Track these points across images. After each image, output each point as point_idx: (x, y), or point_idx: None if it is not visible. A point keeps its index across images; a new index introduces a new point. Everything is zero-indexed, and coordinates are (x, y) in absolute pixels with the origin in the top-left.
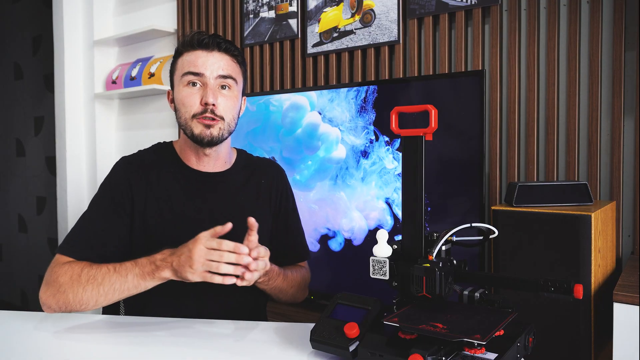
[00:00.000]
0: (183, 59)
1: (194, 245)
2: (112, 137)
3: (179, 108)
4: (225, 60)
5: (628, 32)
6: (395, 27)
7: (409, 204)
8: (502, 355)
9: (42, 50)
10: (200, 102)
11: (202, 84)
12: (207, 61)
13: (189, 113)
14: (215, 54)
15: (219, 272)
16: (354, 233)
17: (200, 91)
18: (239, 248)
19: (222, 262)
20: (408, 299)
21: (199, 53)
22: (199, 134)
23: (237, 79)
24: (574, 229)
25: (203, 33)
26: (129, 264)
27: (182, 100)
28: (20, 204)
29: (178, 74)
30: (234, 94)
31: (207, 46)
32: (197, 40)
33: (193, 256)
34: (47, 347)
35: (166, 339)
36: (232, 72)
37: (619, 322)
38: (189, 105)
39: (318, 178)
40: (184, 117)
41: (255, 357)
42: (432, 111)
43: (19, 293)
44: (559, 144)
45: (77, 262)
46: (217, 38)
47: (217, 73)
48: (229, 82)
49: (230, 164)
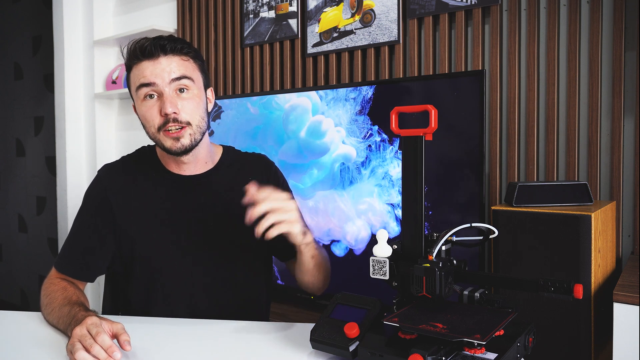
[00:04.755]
0: (133, 73)
1: (81, 323)
2: (112, 137)
3: (143, 123)
4: (174, 62)
5: (628, 32)
6: (395, 27)
7: (409, 204)
8: (502, 355)
9: (42, 50)
10: (159, 113)
11: (158, 93)
12: (156, 69)
13: (153, 127)
14: (162, 60)
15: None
16: (357, 242)
17: (158, 102)
18: (114, 351)
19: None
20: (408, 299)
21: (145, 63)
22: (169, 147)
23: (192, 76)
24: (574, 229)
25: (144, 40)
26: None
27: (143, 115)
28: (20, 204)
29: (133, 89)
30: (195, 93)
31: (151, 54)
32: (140, 49)
33: (74, 332)
34: (47, 347)
35: (165, 339)
36: (186, 72)
37: (619, 322)
38: (151, 119)
39: (320, 186)
40: (150, 131)
41: (255, 357)
42: (432, 111)
43: (19, 293)
44: (559, 144)
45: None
46: (159, 41)
47: (169, 78)
48: (186, 83)
49: (213, 163)
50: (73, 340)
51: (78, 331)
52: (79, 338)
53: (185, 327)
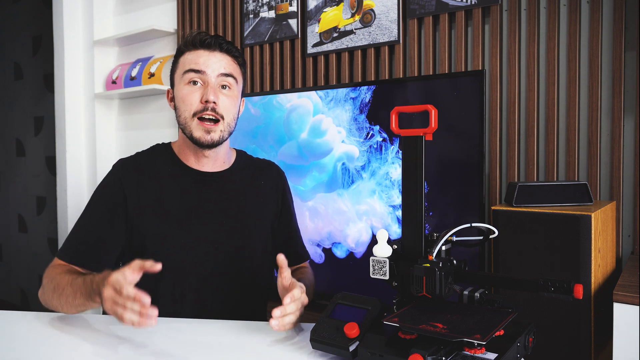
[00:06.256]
0: (185, 57)
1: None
2: (112, 137)
3: (178, 106)
4: (226, 60)
5: (628, 32)
6: (395, 27)
7: (409, 204)
8: (502, 355)
9: (42, 50)
10: (200, 99)
11: (203, 82)
12: (209, 60)
13: (188, 111)
14: (217, 54)
15: (123, 321)
16: (358, 244)
17: (201, 89)
18: (141, 297)
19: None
20: (408, 299)
21: (201, 52)
22: (198, 138)
23: (237, 78)
24: (574, 229)
25: (205, 33)
26: (81, 280)
27: (182, 98)
28: (20, 204)
29: (179, 72)
30: (234, 94)
31: (209, 46)
32: (200, 40)
33: (104, 295)
34: (47, 347)
35: (165, 338)
36: (233, 71)
37: (619, 322)
38: (189, 103)
39: (321, 188)
40: (183, 115)
41: (255, 357)
42: (432, 111)
43: (19, 293)
44: (559, 144)
45: (59, 267)
46: (218, 39)
47: (218, 71)
48: (230, 81)
49: (229, 164)
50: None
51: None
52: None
53: (184, 326)
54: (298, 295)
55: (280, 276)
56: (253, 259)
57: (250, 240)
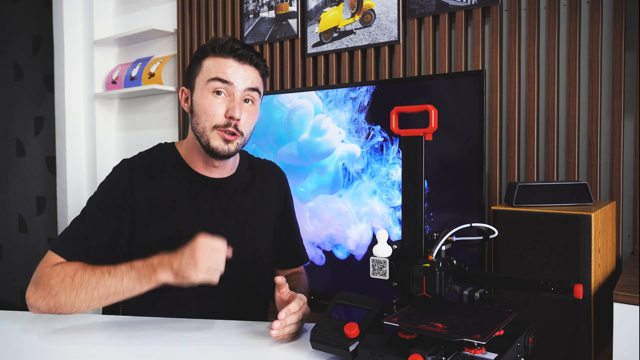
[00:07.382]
0: (210, 62)
1: (196, 245)
2: (112, 137)
3: (198, 115)
4: (254, 73)
5: (628, 32)
6: (395, 27)
7: (409, 204)
8: (502, 355)
9: (42, 50)
10: (225, 114)
11: (229, 94)
12: (237, 72)
13: (210, 123)
14: (247, 67)
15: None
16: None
17: (226, 102)
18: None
19: (221, 262)
20: (408, 299)
21: (231, 62)
22: (215, 148)
23: (261, 92)
24: (574, 229)
25: (236, 41)
26: (124, 267)
27: (204, 107)
28: (20, 204)
29: (202, 78)
30: (255, 109)
31: (241, 57)
32: (231, 47)
33: (197, 255)
34: (47, 347)
35: (165, 339)
36: (259, 86)
37: (619, 322)
38: (212, 115)
39: (321, 189)
40: (202, 125)
41: (255, 356)
42: (432, 111)
43: (19, 293)
44: (559, 144)
45: (69, 264)
46: (250, 50)
47: (245, 85)
48: (254, 96)
49: (235, 167)
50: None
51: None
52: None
53: (184, 325)
54: (295, 309)
55: (279, 291)
56: (257, 261)
57: (255, 242)
